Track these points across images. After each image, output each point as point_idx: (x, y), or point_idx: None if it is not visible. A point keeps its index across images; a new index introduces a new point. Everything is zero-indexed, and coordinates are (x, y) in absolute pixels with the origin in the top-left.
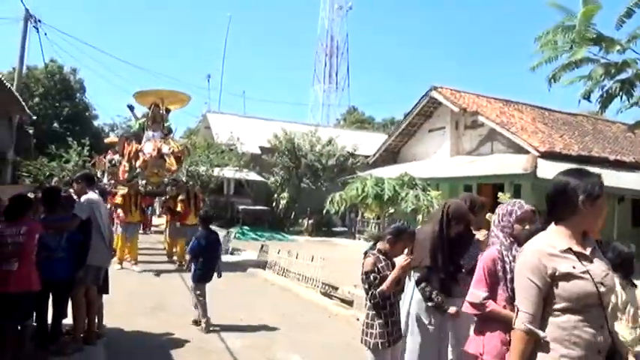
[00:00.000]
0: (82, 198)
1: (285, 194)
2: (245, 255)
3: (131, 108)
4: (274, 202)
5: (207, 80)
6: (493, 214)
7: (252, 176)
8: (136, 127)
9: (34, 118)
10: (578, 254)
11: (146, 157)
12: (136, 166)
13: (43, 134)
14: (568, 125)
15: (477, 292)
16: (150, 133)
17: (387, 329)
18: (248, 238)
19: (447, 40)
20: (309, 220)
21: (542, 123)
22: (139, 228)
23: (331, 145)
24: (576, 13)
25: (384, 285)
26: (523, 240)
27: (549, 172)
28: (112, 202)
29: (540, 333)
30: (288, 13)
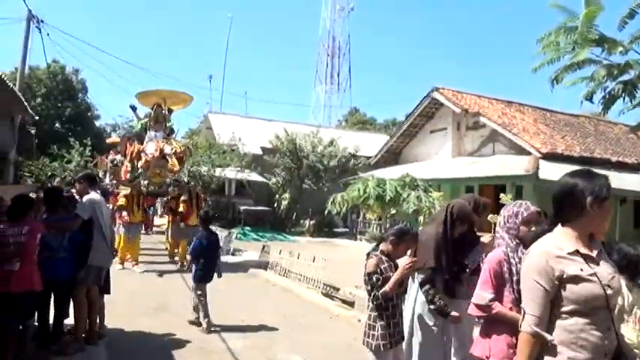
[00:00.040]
0: (84, 198)
1: (287, 195)
2: (246, 255)
3: (133, 108)
4: (276, 203)
5: (209, 81)
6: (495, 215)
7: (254, 177)
8: (138, 127)
9: (36, 118)
10: (585, 256)
11: (148, 158)
12: (138, 167)
13: (45, 134)
14: (570, 126)
15: (482, 293)
16: (152, 133)
17: (389, 331)
18: (249, 238)
19: (449, 41)
20: (310, 221)
21: (544, 124)
22: (141, 228)
23: (333, 146)
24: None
25: (386, 286)
26: (529, 242)
27: (551, 173)
28: (115, 203)
29: (547, 336)
30: (289, 13)
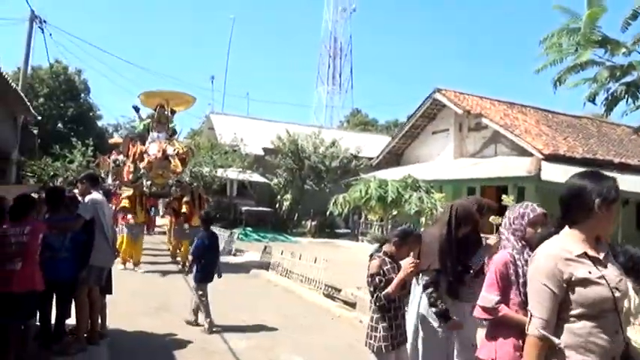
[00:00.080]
0: (86, 198)
1: (289, 196)
2: (248, 256)
3: (137, 109)
4: (277, 204)
5: (211, 81)
6: (496, 217)
7: (256, 177)
8: (141, 127)
9: (38, 118)
10: (593, 259)
11: (151, 159)
12: (141, 168)
13: (47, 134)
14: (572, 128)
15: (489, 295)
16: (155, 134)
17: (391, 332)
18: (251, 239)
19: (451, 42)
20: (312, 222)
21: (546, 125)
22: (144, 229)
23: (335, 147)
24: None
25: (389, 288)
26: (535, 243)
27: (553, 174)
28: (118, 204)
29: (555, 339)
30: (291, 14)
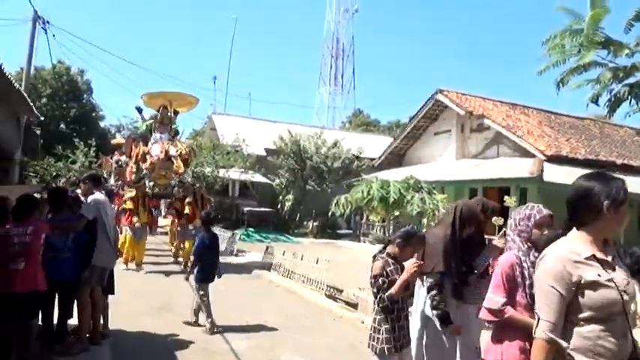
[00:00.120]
0: (89, 198)
1: (291, 196)
2: (250, 256)
3: (139, 110)
4: (279, 204)
5: (213, 82)
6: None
7: (258, 178)
8: (143, 128)
9: (41, 118)
10: (601, 262)
11: (154, 160)
12: (144, 168)
13: (50, 135)
14: (574, 129)
15: (495, 297)
16: (157, 135)
17: (394, 334)
18: (253, 239)
19: (453, 43)
20: (314, 222)
21: (549, 126)
22: (146, 230)
23: (337, 148)
24: (584, 16)
25: (392, 289)
26: (542, 245)
27: (556, 176)
28: (120, 205)
29: (562, 343)
30: (293, 15)
